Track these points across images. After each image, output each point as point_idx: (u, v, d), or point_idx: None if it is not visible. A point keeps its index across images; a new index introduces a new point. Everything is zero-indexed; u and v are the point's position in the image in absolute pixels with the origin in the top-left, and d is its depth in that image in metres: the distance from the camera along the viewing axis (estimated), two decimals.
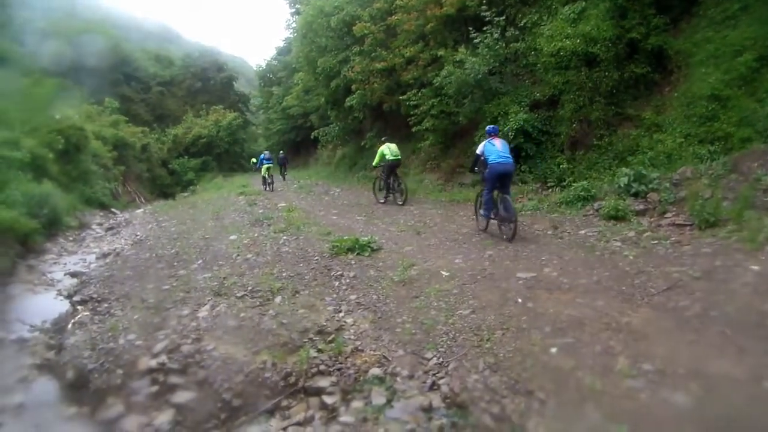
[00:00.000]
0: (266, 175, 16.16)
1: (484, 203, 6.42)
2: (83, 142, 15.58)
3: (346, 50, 15.67)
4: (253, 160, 24.05)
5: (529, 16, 10.20)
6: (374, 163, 10.59)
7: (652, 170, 6.60)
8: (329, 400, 3.00)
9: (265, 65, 35.63)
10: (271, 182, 16.29)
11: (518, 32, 10.28)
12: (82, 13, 38.11)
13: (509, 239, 5.84)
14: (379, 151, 10.19)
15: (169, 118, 37.85)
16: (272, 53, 37.81)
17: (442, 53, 11.32)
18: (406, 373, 3.13)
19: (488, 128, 6.56)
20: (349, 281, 4.90)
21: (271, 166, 16.51)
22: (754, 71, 6.44)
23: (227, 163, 33.80)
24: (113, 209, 15.82)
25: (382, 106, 14.74)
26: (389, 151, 9.98)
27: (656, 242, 5.08)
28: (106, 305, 4.83)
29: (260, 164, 16.86)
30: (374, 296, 4.42)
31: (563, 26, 8.47)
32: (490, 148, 6.14)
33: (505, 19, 10.35)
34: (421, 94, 11.96)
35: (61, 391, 3.46)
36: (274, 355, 3.40)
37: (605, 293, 3.86)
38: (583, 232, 5.94)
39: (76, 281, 6.11)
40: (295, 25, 23.66)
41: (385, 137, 11.03)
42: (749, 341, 2.85)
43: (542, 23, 9.47)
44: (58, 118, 14.76)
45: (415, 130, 12.44)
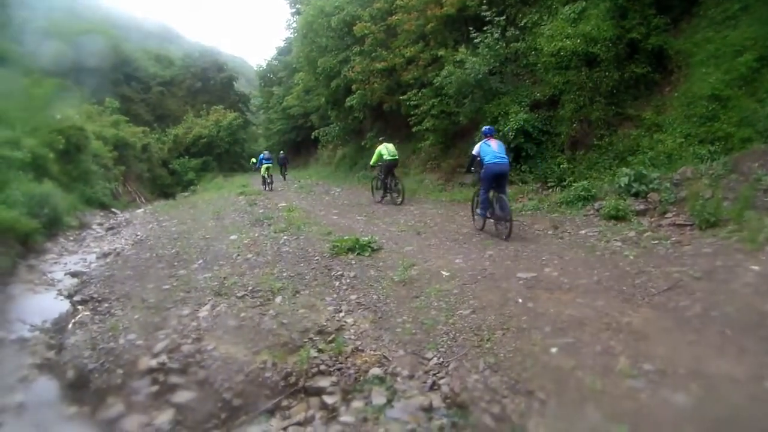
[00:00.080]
0: (265, 174, 16.18)
1: (480, 202, 6.54)
2: (84, 142, 15.58)
3: (346, 50, 15.70)
4: (252, 160, 24.08)
5: (529, 15, 10.20)
6: (371, 162, 10.74)
7: (652, 170, 6.60)
8: (329, 400, 3.00)
9: (265, 65, 35.74)
10: (270, 182, 16.31)
11: (518, 32, 10.28)
12: (82, 13, 38.21)
13: (505, 238, 5.98)
14: (376, 150, 10.31)
15: (169, 118, 37.89)
16: (272, 53, 38.09)
17: (442, 53, 11.34)
18: (406, 373, 3.13)
19: (484, 129, 6.63)
20: (349, 281, 4.90)
21: (270, 165, 16.52)
22: (754, 71, 6.44)
23: (228, 163, 33.83)
24: (114, 209, 15.80)
25: (382, 106, 14.76)
26: (387, 151, 10.09)
27: (657, 242, 5.08)
28: (106, 305, 4.83)
29: (260, 164, 16.90)
30: (374, 296, 4.42)
31: (563, 26, 8.47)
32: (486, 148, 6.26)
33: (505, 18, 10.36)
34: (421, 94, 11.98)
35: (61, 390, 3.46)
36: (274, 354, 3.40)
37: (606, 293, 3.86)
38: (583, 232, 5.95)
39: (76, 281, 6.11)
40: (295, 25, 23.71)
41: (382, 137, 11.21)
42: (750, 341, 2.85)
43: (542, 23, 9.47)
44: (58, 118, 14.78)
45: (415, 130, 12.46)
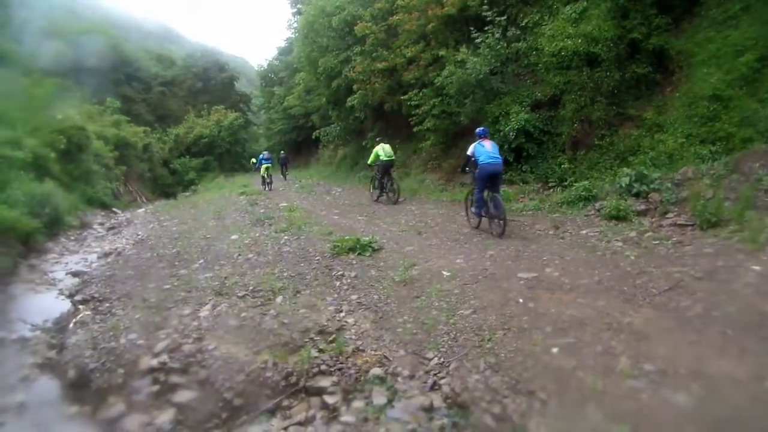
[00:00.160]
0: (265, 174, 16.19)
1: (474, 201, 6.69)
2: (85, 141, 15.58)
3: (347, 50, 15.69)
4: (253, 160, 24.08)
5: (530, 15, 10.19)
6: (369, 162, 11.07)
7: (653, 170, 6.60)
8: (330, 399, 3.00)
9: (266, 65, 35.67)
10: (270, 182, 16.31)
11: (519, 32, 10.28)
12: (82, 13, 38.27)
13: (499, 235, 6.09)
14: (374, 151, 10.56)
15: (170, 118, 37.91)
16: (273, 53, 37.96)
17: (443, 53, 11.33)
18: (407, 373, 3.13)
19: (478, 130, 6.75)
20: (350, 281, 4.90)
21: (270, 165, 16.53)
22: (755, 71, 6.44)
23: (228, 163, 33.87)
24: (115, 209, 15.80)
25: (383, 106, 14.75)
26: (383, 151, 10.29)
27: (658, 242, 5.08)
28: (107, 305, 4.83)
29: (259, 164, 16.90)
30: (375, 296, 4.42)
31: (564, 26, 8.47)
32: (480, 149, 6.40)
33: (506, 18, 10.36)
34: (422, 94, 11.98)
35: (62, 390, 3.46)
36: (275, 354, 3.40)
37: (607, 293, 3.85)
38: (584, 232, 5.95)
39: (77, 280, 6.11)
40: (296, 25, 23.68)
41: (379, 138, 11.50)
42: (751, 341, 2.85)
43: (543, 23, 9.48)
44: (59, 118, 14.79)
45: (416, 130, 12.46)
